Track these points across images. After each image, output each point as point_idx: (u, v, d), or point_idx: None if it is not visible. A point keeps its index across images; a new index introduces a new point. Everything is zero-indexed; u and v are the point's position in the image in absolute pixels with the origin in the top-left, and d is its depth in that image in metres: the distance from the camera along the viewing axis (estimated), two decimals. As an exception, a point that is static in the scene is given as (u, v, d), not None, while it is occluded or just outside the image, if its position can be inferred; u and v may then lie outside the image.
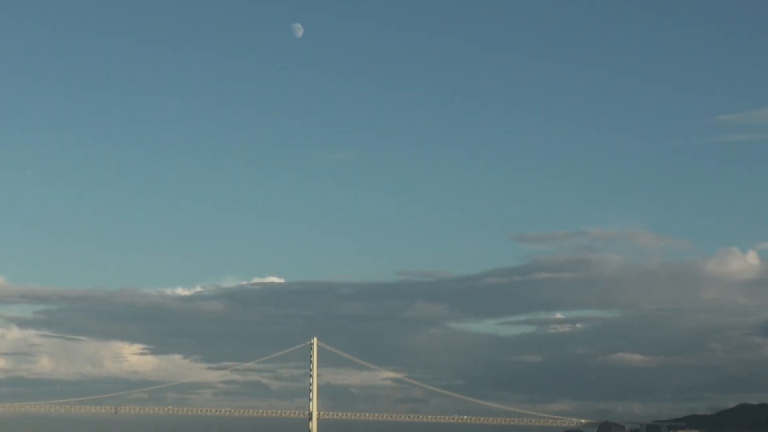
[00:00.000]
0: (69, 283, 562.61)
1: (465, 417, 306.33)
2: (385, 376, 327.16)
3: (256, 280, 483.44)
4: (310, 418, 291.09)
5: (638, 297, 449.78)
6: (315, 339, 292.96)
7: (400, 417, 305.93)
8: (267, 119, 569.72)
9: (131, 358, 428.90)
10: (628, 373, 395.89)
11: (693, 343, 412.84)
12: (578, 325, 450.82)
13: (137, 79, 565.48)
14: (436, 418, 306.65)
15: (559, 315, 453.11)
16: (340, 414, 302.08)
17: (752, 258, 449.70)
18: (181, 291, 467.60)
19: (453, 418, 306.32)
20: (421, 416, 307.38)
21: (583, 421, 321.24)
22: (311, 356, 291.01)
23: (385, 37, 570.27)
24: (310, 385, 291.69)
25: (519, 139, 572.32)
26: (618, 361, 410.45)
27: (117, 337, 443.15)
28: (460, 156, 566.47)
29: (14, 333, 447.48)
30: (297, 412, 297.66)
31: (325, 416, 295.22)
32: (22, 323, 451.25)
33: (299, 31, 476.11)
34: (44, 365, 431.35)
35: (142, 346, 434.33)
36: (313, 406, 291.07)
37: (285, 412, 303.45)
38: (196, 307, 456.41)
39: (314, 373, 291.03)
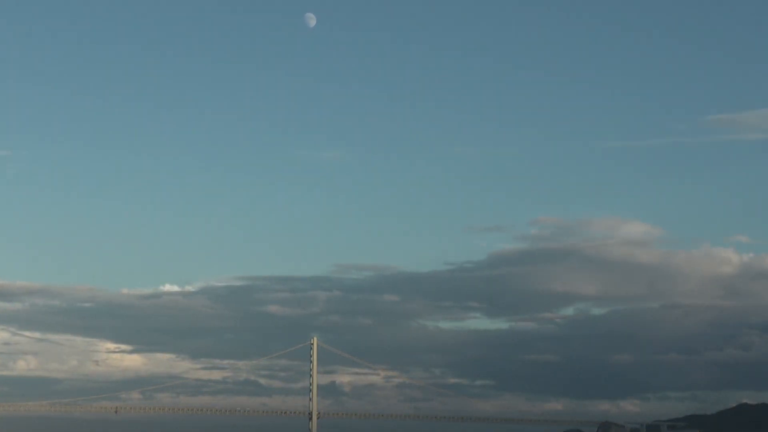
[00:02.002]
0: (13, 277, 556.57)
1: (465, 417, 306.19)
2: (379, 374, 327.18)
3: (220, 277, 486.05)
4: (310, 418, 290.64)
5: (618, 290, 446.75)
6: (315, 338, 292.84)
7: (400, 416, 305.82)
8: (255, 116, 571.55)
9: (114, 356, 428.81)
10: (626, 372, 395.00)
11: (688, 341, 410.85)
12: (559, 321, 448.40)
13: (120, 68, 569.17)
14: (436, 418, 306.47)
15: (534, 312, 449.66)
16: (340, 413, 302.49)
17: (729, 252, 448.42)
18: (140, 290, 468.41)
19: (453, 418, 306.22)
20: (420, 416, 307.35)
21: (583, 420, 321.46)
22: (311, 355, 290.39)
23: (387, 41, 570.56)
24: (310, 384, 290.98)
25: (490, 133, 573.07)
26: (615, 359, 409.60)
27: (90, 335, 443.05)
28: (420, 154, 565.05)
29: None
30: (297, 412, 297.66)
31: (326, 416, 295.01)
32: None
33: (312, 21, 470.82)
34: (29, 363, 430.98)
35: (119, 343, 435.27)
36: (313, 405, 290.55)
37: (286, 412, 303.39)
38: (160, 305, 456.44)
39: (314, 372, 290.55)
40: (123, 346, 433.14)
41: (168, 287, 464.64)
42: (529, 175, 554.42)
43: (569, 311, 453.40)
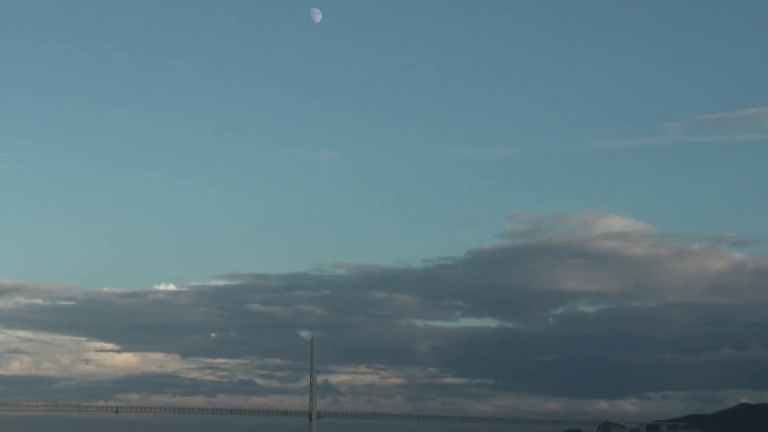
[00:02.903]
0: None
1: (464, 417, 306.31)
2: (379, 373, 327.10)
3: (201, 275, 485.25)
4: (310, 418, 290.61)
5: (606, 287, 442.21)
6: (313, 338, 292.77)
7: (400, 416, 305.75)
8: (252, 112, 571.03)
9: (104, 355, 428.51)
10: (624, 372, 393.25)
11: (684, 340, 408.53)
12: (550, 320, 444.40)
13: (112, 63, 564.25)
14: (436, 418, 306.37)
15: (522, 310, 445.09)
16: (340, 413, 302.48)
17: (719, 250, 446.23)
18: (120, 289, 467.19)
19: (452, 418, 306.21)
20: (420, 416, 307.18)
21: (583, 421, 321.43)
22: (311, 355, 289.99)
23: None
24: (310, 384, 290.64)
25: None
26: (611, 358, 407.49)
27: (76, 333, 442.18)
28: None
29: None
30: (297, 412, 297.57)
31: (325, 416, 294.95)
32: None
33: (318, 16, 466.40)
34: (21, 362, 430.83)
35: (105, 342, 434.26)
36: (313, 405, 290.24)
37: (286, 412, 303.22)
38: (142, 303, 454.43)
39: (314, 372, 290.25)
40: (109, 345, 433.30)
41: (151, 286, 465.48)
42: (507, 171, 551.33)
43: (558, 309, 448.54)
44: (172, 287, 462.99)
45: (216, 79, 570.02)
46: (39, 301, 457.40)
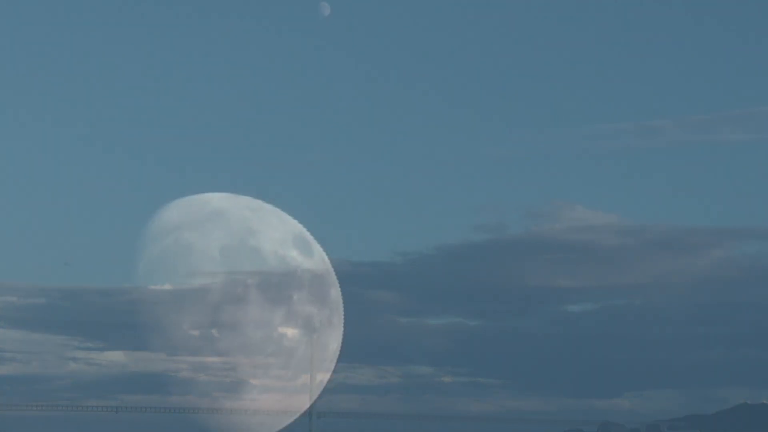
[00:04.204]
0: None
1: (464, 416, 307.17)
2: (370, 371, 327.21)
3: (175, 273, 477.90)
4: (310, 417, 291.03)
5: (591, 283, 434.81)
6: (314, 337, 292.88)
7: (400, 416, 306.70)
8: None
9: (89, 353, 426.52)
10: (621, 371, 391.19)
11: (677, 339, 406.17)
12: (538, 318, 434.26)
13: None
14: (434, 418, 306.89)
15: (509, 308, 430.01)
16: (339, 413, 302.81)
17: (702, 245, 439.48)
18: (92, 285, 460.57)
19: (452, 418, 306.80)
20: (420, 415, 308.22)
21: (583, 420, 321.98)
22: (310, 354, 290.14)
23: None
24: (309, 383, 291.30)
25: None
26: (607, 358, 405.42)
27: (56, 332, 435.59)
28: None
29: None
30: (297, 411, 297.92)
31: (325, 415, 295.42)
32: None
33: (326, 10, 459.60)
34: (11, 361, 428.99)
35: (88, 341, 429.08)
36: (313, 405, 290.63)
37: (286, 411, 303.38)
38: (117, 302, 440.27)
39: (313, 371, 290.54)
40: (91, 343, 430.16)
41: (122, 284, 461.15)
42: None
43: (543, 306, 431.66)
44: (146, 285, 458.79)
45: (214, 78, 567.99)
46: (14, 299, 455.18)
